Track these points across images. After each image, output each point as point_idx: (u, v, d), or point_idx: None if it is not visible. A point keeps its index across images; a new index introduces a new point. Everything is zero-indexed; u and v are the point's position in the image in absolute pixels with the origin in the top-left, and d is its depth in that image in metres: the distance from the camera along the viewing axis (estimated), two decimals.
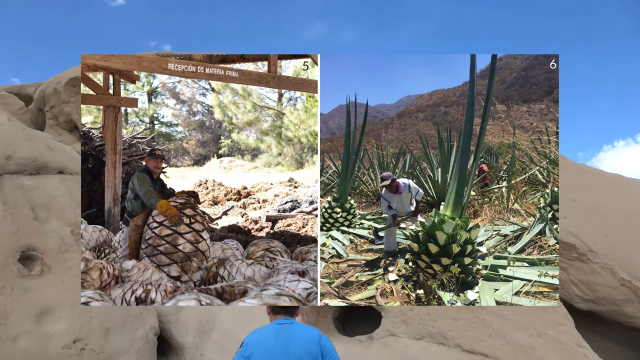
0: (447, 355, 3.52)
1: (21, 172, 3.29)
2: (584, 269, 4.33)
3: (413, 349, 3.64)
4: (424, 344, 3.70)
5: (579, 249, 4.42)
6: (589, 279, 4.20)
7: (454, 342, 3.64)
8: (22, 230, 2.78)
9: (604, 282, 4.19)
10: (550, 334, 3.62)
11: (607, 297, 4.17)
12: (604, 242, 4.45)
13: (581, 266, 4.35)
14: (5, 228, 2.71)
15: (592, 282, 4.24)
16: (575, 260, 4.38)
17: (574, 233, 4.54)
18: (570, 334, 3.69)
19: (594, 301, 4.22)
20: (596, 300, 4.22)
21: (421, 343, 3.71)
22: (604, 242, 4.44)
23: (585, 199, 5.19)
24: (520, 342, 3.55)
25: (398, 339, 3.78)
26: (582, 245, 4.45)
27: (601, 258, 4.31)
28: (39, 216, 2.99)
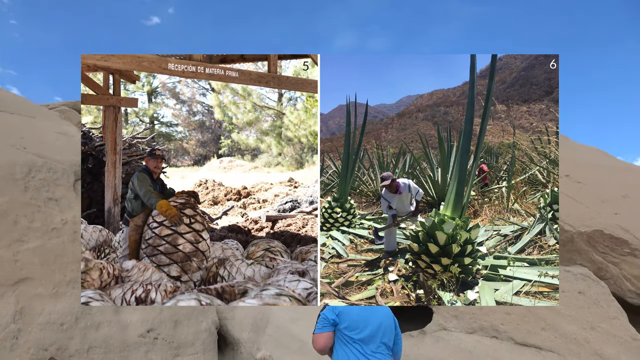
0: (500, 347, 3.58)
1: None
2: (637, 264, 4.36)
3: (466, 342, 3.71)
4: (476, 337, 3.77)
5: (631, 244, 4.45)
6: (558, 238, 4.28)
7: (507, 336, 3.70)
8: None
9: None
10: (603, 327, 3.67)
11: None
12: None
13: (634, 261, 4.38)
14: None
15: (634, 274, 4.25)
16: (627, 256, 4.41)
17: (626, 229, 4.58)
18: (624, 327, 3.74)
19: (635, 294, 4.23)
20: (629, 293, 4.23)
21: (474, 337, 3.79)
22: None
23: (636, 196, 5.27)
24: (573, 335, 3.59)
25: (450, 332, 3.86)
26: (635, 240, 4.48)
27: None
28: None
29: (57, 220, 2.82)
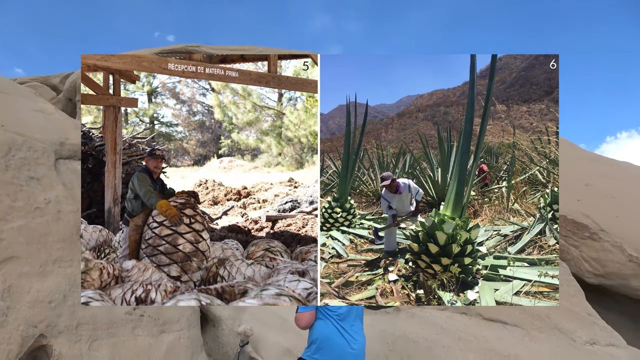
0: (469, 322, 3.97)
1: (73, 157, 3.57)
2: (595, 247, 4.82)
3: (438, 318, 4.06)
4: (447, 313, 4.15)
5: (591, 229, 4.91)
6: (599, 256, 4.69)
7: (476, 312, 4.09)
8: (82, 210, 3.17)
9: (614, 259, 4.68)
10: (563, 304, 4.02)
11: (616, 272, 4.65)
12: (615, 222, 4.99)
13: (593, 244, 4.84)
14: (67, 207, 2.97)
15: (603, 258, 4.71)
16: (587, 239, 4.88)
17: (587, 214, 5.04)
18: (582, 304, 4.19)
19: (604, 276, 4.71)
20: (606, 275, 4.71)
21: (445, 313, 4.16)
22: (614, 223, 5.02)
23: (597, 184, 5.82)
24: (536, 312, 3.98)
25: (424, 309, 4.20)
26: (594, 225, 4.93)
27: (612, 237, 4.79)
28: None
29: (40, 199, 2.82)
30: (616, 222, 4.97)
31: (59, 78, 10.28)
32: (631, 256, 4.61)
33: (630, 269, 4.59)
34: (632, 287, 4.60)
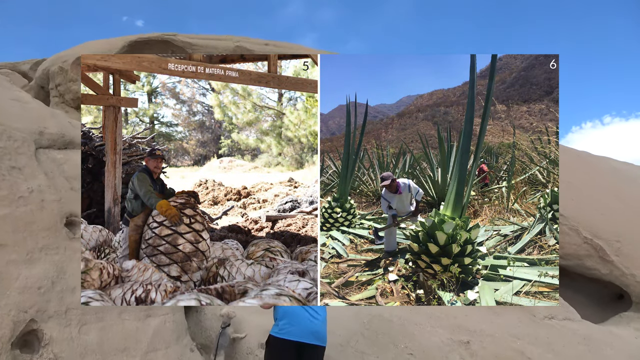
0: None
1: (52, 146, 3.54)
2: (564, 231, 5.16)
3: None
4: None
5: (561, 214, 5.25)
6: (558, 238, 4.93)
7: None
8: (64, 199, 3.09)
9: (571, 241, 5.11)
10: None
11: (573, 253, 5.09)
12: (572, 207, 5.42)
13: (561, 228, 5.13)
14: (50, 196, 2.99)
15: (561, 240, 5.00)
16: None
17: None
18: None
19: (562, 257, 5.05)
20: (564, 256, 5.09)
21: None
22: (571, 207, 5.41)
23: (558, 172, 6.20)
24: None
25: None
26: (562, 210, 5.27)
27: (569, 220, 5.23)
28: (73, 187, 3.29)
29: (23, 188, 2.84)
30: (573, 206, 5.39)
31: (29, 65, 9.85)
32: (586, 238, 5.07)
33: (584, 250, 5.04)
34: (587, 266, 5.03)
